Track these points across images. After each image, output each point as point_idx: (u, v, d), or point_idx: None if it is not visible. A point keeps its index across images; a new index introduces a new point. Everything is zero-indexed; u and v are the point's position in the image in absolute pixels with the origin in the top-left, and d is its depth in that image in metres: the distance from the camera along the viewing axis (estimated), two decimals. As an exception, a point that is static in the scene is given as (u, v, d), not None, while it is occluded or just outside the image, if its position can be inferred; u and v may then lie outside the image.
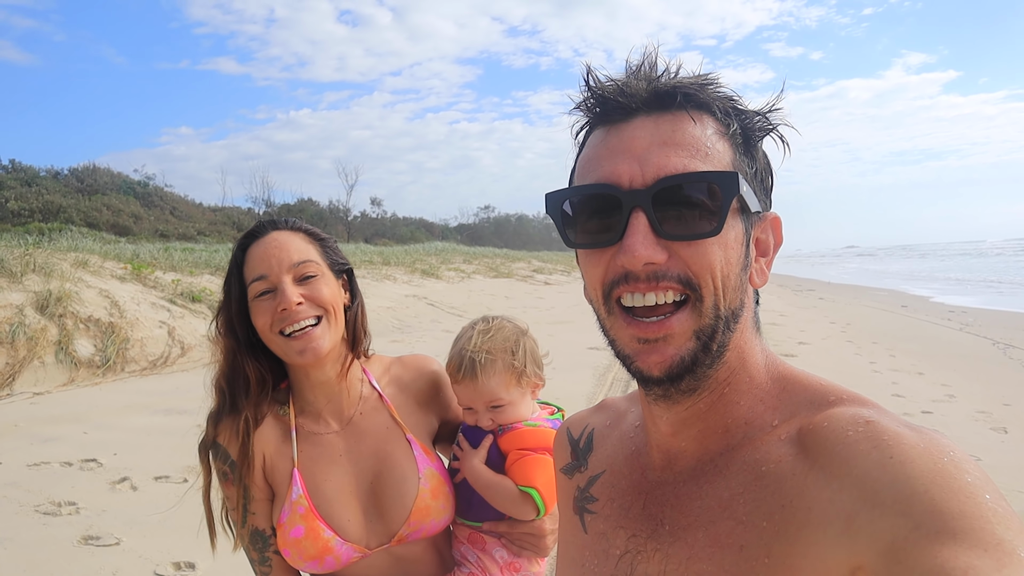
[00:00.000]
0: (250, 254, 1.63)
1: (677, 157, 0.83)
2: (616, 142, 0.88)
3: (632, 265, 0.83)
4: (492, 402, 1.70)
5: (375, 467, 1.67)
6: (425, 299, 19.33)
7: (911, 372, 9.52)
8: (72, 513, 4.80)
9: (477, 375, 1.68)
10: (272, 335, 1.58)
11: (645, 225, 0.83)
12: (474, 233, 75.80)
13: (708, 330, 0.85)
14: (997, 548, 0.63)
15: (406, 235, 55.06)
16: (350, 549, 1.60)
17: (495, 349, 1.70)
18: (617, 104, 0.88)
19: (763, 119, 0.91)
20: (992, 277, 33.77)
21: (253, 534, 1.66)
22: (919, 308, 19.10)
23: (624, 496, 1.01)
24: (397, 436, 1.71)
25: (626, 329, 0.87)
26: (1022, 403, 7.74)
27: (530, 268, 35.01)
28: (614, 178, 0.85)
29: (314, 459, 1.66)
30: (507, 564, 1.73)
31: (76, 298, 10.59)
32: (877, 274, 41.68)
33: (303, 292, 1.58)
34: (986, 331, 13.63)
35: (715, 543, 0.84)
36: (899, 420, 0.79)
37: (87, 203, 32.08)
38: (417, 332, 13.88)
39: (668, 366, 0.85)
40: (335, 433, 1.70)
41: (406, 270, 24.08)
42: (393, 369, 1.83)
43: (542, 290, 26.26)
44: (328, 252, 1.69)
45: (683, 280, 0.83)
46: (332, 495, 1.63)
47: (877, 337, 12.98)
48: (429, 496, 1.65)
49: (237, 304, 1.62)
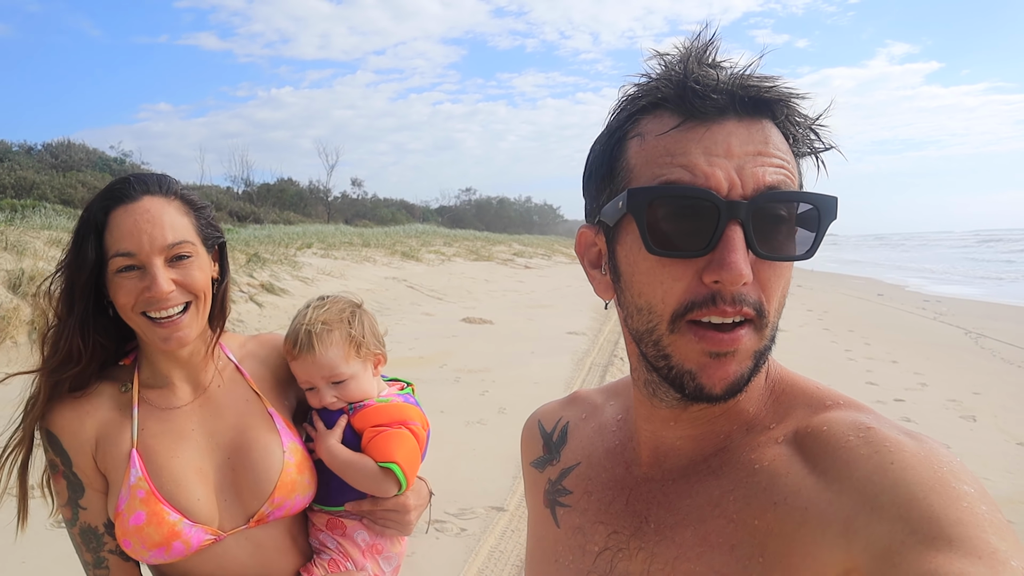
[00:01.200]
0: (115, 220, 1.42)
1: (774, 171, 0.79)
2: (710, 143, 0.79)
3: (732, 283, 0.76)
4: (333, 376, 1.65)
5: (233, 440, 1.55)
6: (405, 281, 19.26)
7: (885, 360, 9.66)
8: (45, 495, 4.74)
9: (315, 347, 1.63)
10: (133, 314, 1.44)
11: (742, 241, 0.77)
12: (455, 215, 75.53)
13: (765, 352, 0.83)
14: (991, 557, 0.64)
15: (387, 217, 54.70)
16: (200, 531, 1.46)
17: (331, 320, 1.67)
18: (712, 101, 0.79)
19: (817, 137, 0.85)
20: (944, 268, 34.83)
21: (84, 532, 1.50)
22: (894, 297, 19.37)
23: (604, 490, 0.98)
24: (258, 409, 1.61)
25: (696, 344, 0.80)
26: (992, 392, 7.90)
27: (511, 251, 34.98)
28: (714, 183, 0.77)
29: (158, 436, 1.51)
30: (369, 547, 1.68)
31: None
32: (846, 263, 42.17)
33: (175, 277, 1.43)
34: (959, 320, 13.86)
35: (704, 542, 0.82)
36: (898, 427, 0.79)
37: (62, 179, 31.42)
38: (396, 314, 13.84)
39: (729, 383, 0.81)
40: (187, 406, 1.56)
41: (386, 252, 23.95)
42: (249, 345, 1.74)
43: (522, 273, 26.28)
44: (203, 226, 1.52)
45: (756, 306, 0.79)
46: (178, 474, 1.48)
47: (853, 325, 13.15)
48: (295, 471, 1.56)
49: (88, 275, 1.42)
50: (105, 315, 1.50)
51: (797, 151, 0.85)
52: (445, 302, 16.49)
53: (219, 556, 1.51)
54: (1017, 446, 6.01)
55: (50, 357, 1.48)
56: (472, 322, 12.94)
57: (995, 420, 6.76)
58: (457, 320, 13.26)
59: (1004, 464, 5.53)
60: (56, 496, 1.52)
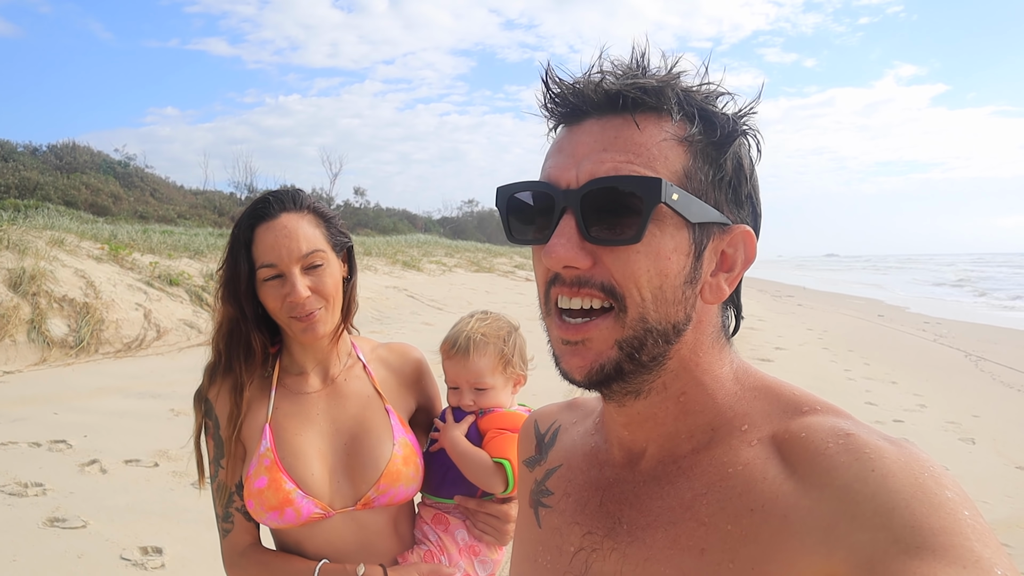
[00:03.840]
0: (259, 236, 1.67)
1: (612, 161, 0.81)
2: (565, 143, 0.87)
3: (552, 266, 0.83)
4: (477, 383, 1.83)
5: (352, 429, 1.75)
6: (405, 291, 19.27)
7: (885, 381, 9.64)
8: (39, 495, 4.73)
9: (469, 353, 1.81)
10: (280, 314, 1.69)
11: (572, 227, 0.82)
12: (457, 227, 75.52)
13: (633, 341, 0.83)
14: (975, 565, 0.64)
15: (389, 226, 54.67)
16: (311, 503, 1.64)
17: (489, 334, 1.84)
18: (570, 105, 0.87)
19: (733, 123, 0.85)
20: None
21: (219, 487, 1.73)
22: (895, 318, 19.33)
23: (580, 491, 0.99)
24: (377, 405, 1.80)
25: (555, 330, 0.87)
26: (991, 414, 7.87)
27: (512, 264, 34.97)
28: (554, 178, 0.85)
29: (288, 416, 1.73)
30: (467, 546, 1.80)
31: (51, 277, 10.44)
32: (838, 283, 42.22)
33: (310, 284, 1.66)
34: (959, 343, 13.82)
35: (674, 545, 0.82)
36: (876, 432, 0.79)
37: (65, 181, 31.46)
38: (396, 324, 13.84)
39: (587, 371, 0.84)
40: (316, 393, 1.78)
41: (387, 261, 23.98)
42: (379, 350, 1.94)
43: (523, 286, 26.26)
44: (333, 233, 1.75)
45: (606, 288, 0.82)
46: (300, 450, 1.69)
47: (853, 345, 13.13)
48: (401, 462, 1.72)
49: (246, 282, 1.68)
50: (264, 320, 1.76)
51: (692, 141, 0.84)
52: (445, 312, 16.48)
53: (327, 532, 1.69)
54: (1016, 470, 5.99)
55: (232, 346, 1.73)
56: (472, 333, 12.92)
57: (994, 443, 6.74)
58: (457, 330, 13.22)
59: (1003, 487, 5.50)
60: (206, 453, 1.76)
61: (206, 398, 1.75)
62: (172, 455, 5.56)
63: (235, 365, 1.73)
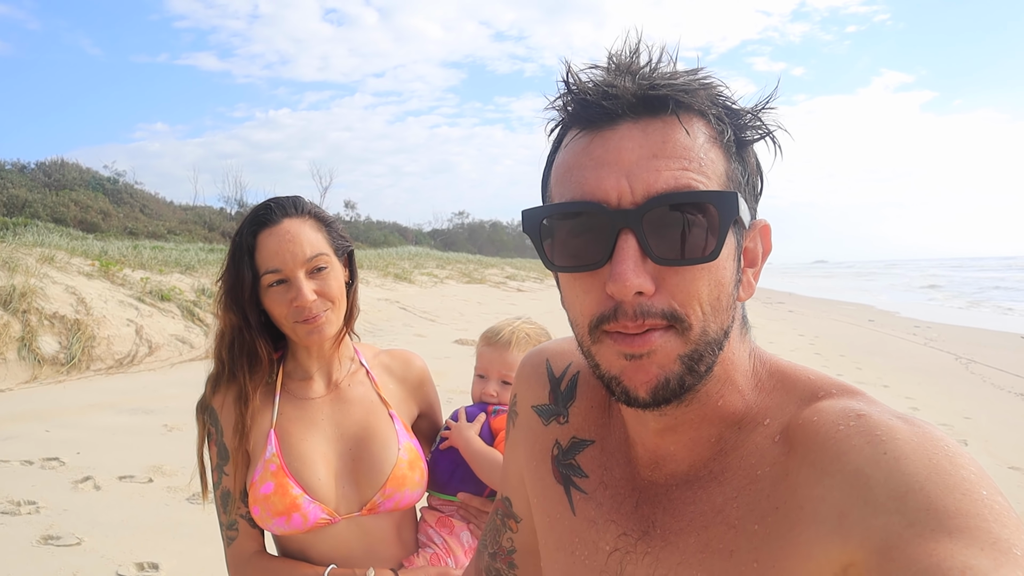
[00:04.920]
0: (262, 243, 1.67)
1: (668, 171, 0.75)
2: (601, 152, 0.78)
3: (622, 294, 0.75)
4: (508, 376, 1.90)
5: (356, 434, 1.75)
6: (397, 303, 19.24)
7: (876, 385, 9.67)
8: (32, 512, 4.69)
9: (511, 346, 1.90)
10: (285, 320, 1.69)
11: (635, 249, 0.75)
12: (448, 238, 75.57)
13: (695, 355, 0.79)
14: (994, 547, 0.62)
15: (379, 239, 54.61)
16: (317, 509, 1.64)
17: (533, 335, 1.94)
18: (601, 108, 0.79)
19: (758, 120, 0.83)
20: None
21: (224, 494, 1.73)
22: (886, 323, 19.44)
23: (618, 486, 0.95)
24: (380, 410, 1.81)
25: (612, 348, 0.79)
26: (983, 417, 7.93)
27: (503, 275, 35.00)
28: (600, 194, 0.77)
29: (293, 421, 1.73)
30: (472, 548, 1.81)
31: (41, 294, 10.37)
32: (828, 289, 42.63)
33: (316, 287, 1.67)
34: (949, 346, 13.91)
35: (705, 549, 0.82)
36: (890, 411, 0.77)
37: (54, 198, 31.34)
38: (389, 336, 13.81)
39: (653, 387, 0.78)
40: (320, 398, 1.79)
41: (379, 274, 23.92)
42: (381, 356, 1.96)
43: (515, 296, 26.28)
44: (335, 237, 1.77)
45: (667, 315, 0.76)
46: (306, 455, 1.69)
47: (844, 350, 13.19)
48: (407, 466, 1.73)
49: (250, 290, 1.68)
50: (267, 327, 1.76)
51: (727, 142, 0.81)
52: (437, 324, 16.47)
53: (332, 537, 1.69)
54: (1009, 470, 6.02)
55: (236, 354, 1.72)
56: (464, 344, 12.91)
57: (986, 444, 6.78)
58: (450, 342, 13.24)
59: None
60: (209, 460, 1.76)
61: (210, 406, 1.75)
62: (166, 470, 5.53)
63: (239, 374, 1.72)
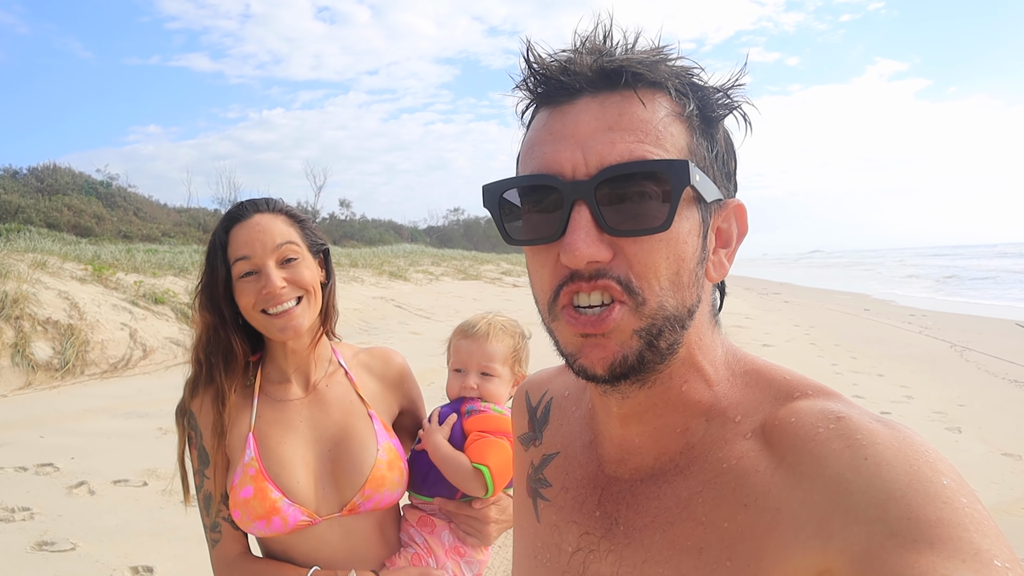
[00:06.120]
0: (234, 236, 1.70)
1: (623, 143, 0.76)
2: (559, 126, 0.80)
3: (574, 264, 0.76)
4: (486, 368, 1.88)
5: (335, 435, 1.75)
6: (392, 301, 19.22)
7: (871, 373, 9.71)
8: (26, 519, 4.69)
9: (488, 337, 1.89)
10: (255, 313, 1.69)
11: (588, 220, 0.76)
12: (443, 235, 75.53)
13: (652, 329, 0.78)
14: (975, 558, 0.62)
15: (375, 237, 54.57)
16: (297, 511, 1.64)
17: (507, 328, 1.94)
18: (560, 84, 0.80)
19: (724, 96, 0.83)
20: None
21: (206, 497, 1.72)
22: (881, 311, 19.47)
23: (579, 487, 0.95)
24: (359, 411, 1.80)
25: (568, 326, 0.80)
26: (976, 404, 7.95)
27: (499, 270, 34.97)
28: (555, 167, 0.78)
29: (271, 424, 1.73)
30: (453, 548, 1.82)
31: (34, 300, 10.35)
32: (825, 279, 42.94)
33: (285, 275, 1.67)
34: (944, 334, 13.94)
35: (672, 545, 0.80)
36: (869, 414, 0.76)
37: (47, 203, 31.25)
38: (384, 334, 13.80)
39: (610, 363, 0.79)
40: (299, 400, 1.78)
41: (374, 272, 23.90)
42: (360, 356, 1.95)
43: (510, 292, 26.25)
44: (307, 233, 1.78)
45: (622, 282, 0.77)
46: (285, 458, 1.69)
47: (839, 339, 13.21)
48: (385, 467, 1.73)
49: (223, 285, 1.69)
50: (242, 326, 1.76)
51: (690, 115, 0.81)
52: (433, 321, 16.45)
53: (314, 539, 1.69)
54: (1002, 456, 6.05)
55: (212, 354, 1.73)
56: (460, 341, 12.89)
57: (980, 431, 6.80)
58: (445, 339, 13.17)
59: (989, 474, 5.55)
60: (190, 464, 1.75)
61: (188, 410, 1.75)
62: (161, 474, 5.53)
63: (216, 374, 1.72)
